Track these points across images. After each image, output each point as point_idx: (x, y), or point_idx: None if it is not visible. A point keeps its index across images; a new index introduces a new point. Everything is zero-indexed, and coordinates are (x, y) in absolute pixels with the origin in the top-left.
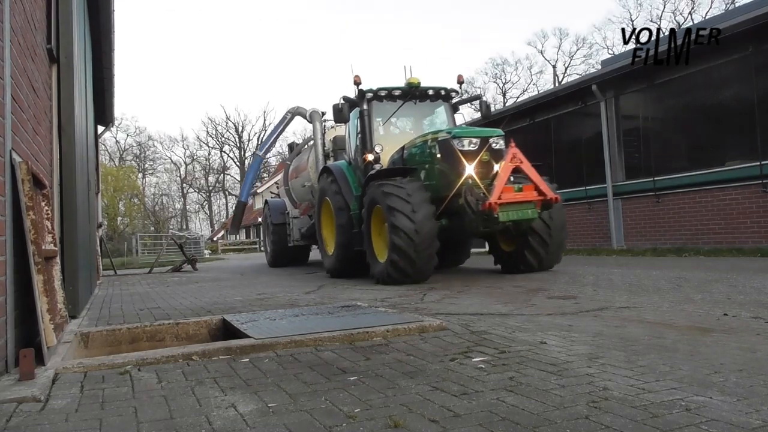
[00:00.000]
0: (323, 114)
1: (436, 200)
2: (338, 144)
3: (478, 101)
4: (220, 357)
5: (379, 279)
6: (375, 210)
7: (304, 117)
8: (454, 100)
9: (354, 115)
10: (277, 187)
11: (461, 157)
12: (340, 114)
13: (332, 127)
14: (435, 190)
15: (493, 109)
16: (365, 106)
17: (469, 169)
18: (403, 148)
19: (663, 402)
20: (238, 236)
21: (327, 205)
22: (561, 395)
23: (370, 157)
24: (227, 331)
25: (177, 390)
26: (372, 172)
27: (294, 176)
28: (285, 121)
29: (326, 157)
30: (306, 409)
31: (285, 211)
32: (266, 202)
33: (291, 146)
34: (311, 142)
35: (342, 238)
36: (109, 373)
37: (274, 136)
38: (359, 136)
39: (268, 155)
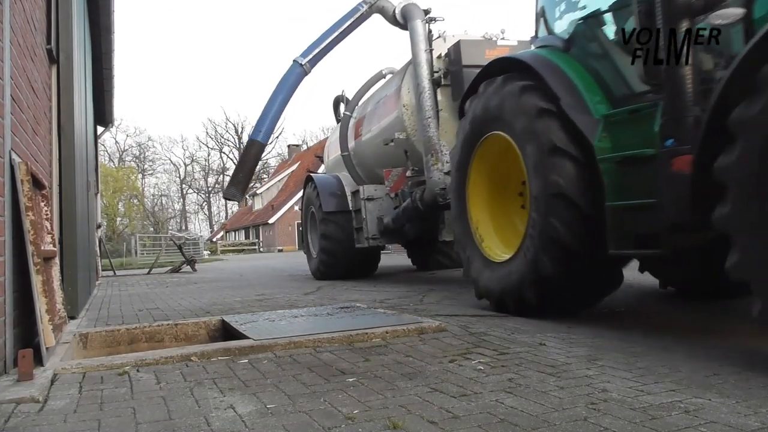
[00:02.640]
0: (427, 12)
1: None
2: (459, 59)
3: None
4: (219, 358)
5: None
6: None
7: (391, 18)
8: None
9: None
10: (322, 161)
11: None
12: None
13: (441, 36)
14: None
15: None
16: None
17: None
18: None
19: (662, 404)
20: (235, 236)
21: (492, 148)
22: (560, 397)
23: None
24: (226, 332)
25: (176, 391)
26: None
27: (359, 133)
28: (354, 15)
29: (436, 84)
30: (305, 410)
31: (345, 191)
32: (309, 178)
33: (337, 101)
34: (385, 79)
35: (561, 229)
36: (108, 374)
37: (332, 36)
38: None
39: (312, 67)
